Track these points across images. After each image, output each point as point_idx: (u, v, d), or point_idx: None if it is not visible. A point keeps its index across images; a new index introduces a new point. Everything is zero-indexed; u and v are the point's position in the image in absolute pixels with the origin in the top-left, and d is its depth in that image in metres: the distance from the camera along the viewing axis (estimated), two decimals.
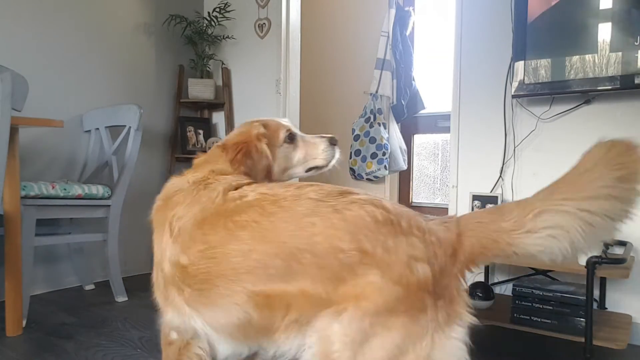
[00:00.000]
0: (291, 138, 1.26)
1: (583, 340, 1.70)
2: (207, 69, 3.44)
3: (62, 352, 1.84)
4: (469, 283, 2.19)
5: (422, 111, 3.57)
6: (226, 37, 3.43)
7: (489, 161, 2.42)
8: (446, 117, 2.62)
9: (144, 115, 2.59)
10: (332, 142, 1.30)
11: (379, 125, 3.25)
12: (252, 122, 1.25)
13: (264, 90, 3.33)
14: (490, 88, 2.40)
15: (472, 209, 2.28)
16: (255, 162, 1.17)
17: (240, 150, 1.16)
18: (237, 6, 3.40)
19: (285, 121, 1.30)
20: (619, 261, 1.72)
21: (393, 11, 3.22)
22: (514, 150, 2.35)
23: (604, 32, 1.96)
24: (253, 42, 3.38)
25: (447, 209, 2.61)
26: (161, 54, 3.34)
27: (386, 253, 0.80)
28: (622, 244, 1.97)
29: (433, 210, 3.89)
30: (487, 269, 2.35)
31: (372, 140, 3.25)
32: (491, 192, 2.37)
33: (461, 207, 2.49)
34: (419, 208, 3.69)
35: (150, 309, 2.70)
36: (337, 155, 1.31)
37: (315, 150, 1.29)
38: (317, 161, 1.29)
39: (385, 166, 3.24)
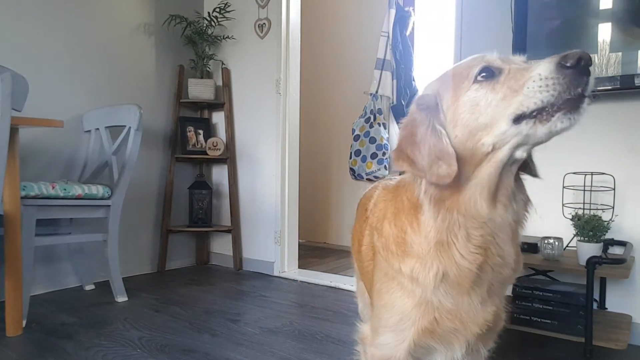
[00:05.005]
0: (488, 73, 0.75)
1: (583, 340, 1.70)
2: (207, 69, 3.44)
3: (62, 352, 1.84)
4: None
5: None
6: (226, 37, 3.43)
7: None
8: None
9: (144, 115, 2.59)
10: (565, 62, 0.72)
11: (379, 126, 3.25)
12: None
13: (264, 90, 3.33)
14: None
15: None
16: (415, 152, 0.79)
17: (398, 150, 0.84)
18: (237, 6, 3.40)
19: (490, 55, 0.81)
20: (619, 261, 1.72)
21: (393, 11, 3.21)
22: None
23: (604, 32, 1.96)
24: (253, 42, 3.38)
25: None
26: (161, 54, 3.34)
27: None
28: (622, 244, 1.97)
29: None
30: None
31: (372, 140, 3.25)
32: None
33: None
34: None
35: (150, 309, 2.69)
36: (583, 84, 0.70)
37: (519, 81, 0.72)
38: (519, 101, 0.71)
39: (385, 166, 3.24)
